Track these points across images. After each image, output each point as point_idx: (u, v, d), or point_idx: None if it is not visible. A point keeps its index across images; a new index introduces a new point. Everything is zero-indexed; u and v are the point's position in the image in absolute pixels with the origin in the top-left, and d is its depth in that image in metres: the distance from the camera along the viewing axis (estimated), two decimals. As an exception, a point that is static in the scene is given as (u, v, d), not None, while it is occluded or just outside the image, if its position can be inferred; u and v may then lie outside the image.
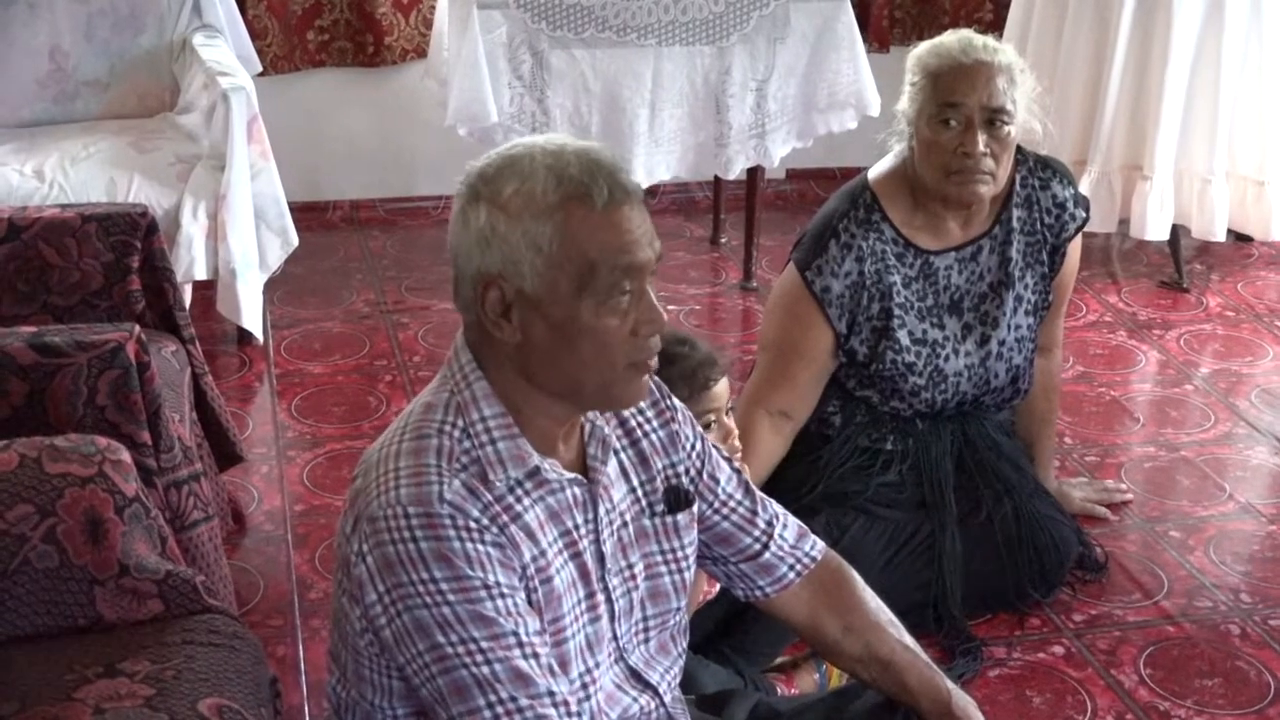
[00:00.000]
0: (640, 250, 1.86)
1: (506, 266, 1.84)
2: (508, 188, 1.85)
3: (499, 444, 1.90)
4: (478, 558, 1.83)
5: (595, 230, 1.83)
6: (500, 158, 1.89)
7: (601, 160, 1.86)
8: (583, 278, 1.83)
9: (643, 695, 2.07)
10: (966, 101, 3.03)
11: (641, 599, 2.07)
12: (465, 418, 1.91)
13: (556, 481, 1.95)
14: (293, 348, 4.45)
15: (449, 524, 1.83)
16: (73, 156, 4.14)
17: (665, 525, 2.10)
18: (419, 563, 1.82)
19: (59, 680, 2.18)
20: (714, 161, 4.65)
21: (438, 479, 1.86)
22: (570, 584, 1.96)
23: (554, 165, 1.84)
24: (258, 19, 5.07)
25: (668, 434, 2.12)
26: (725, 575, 2.24)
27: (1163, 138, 4.71)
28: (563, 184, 1.83)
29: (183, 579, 2.38)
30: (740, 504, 2.19)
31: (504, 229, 1.84)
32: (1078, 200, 3.27)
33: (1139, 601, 3.31)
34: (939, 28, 5.30)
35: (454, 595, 1.82)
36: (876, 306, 3.16)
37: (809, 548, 2.23)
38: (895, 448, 3.24)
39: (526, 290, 1.84)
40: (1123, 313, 4.78)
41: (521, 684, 1.82)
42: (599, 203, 1.83)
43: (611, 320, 1.86)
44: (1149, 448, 3.97)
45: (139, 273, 3.21)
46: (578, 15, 4.37)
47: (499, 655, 1.82)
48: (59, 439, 2.39)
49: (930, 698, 2.16)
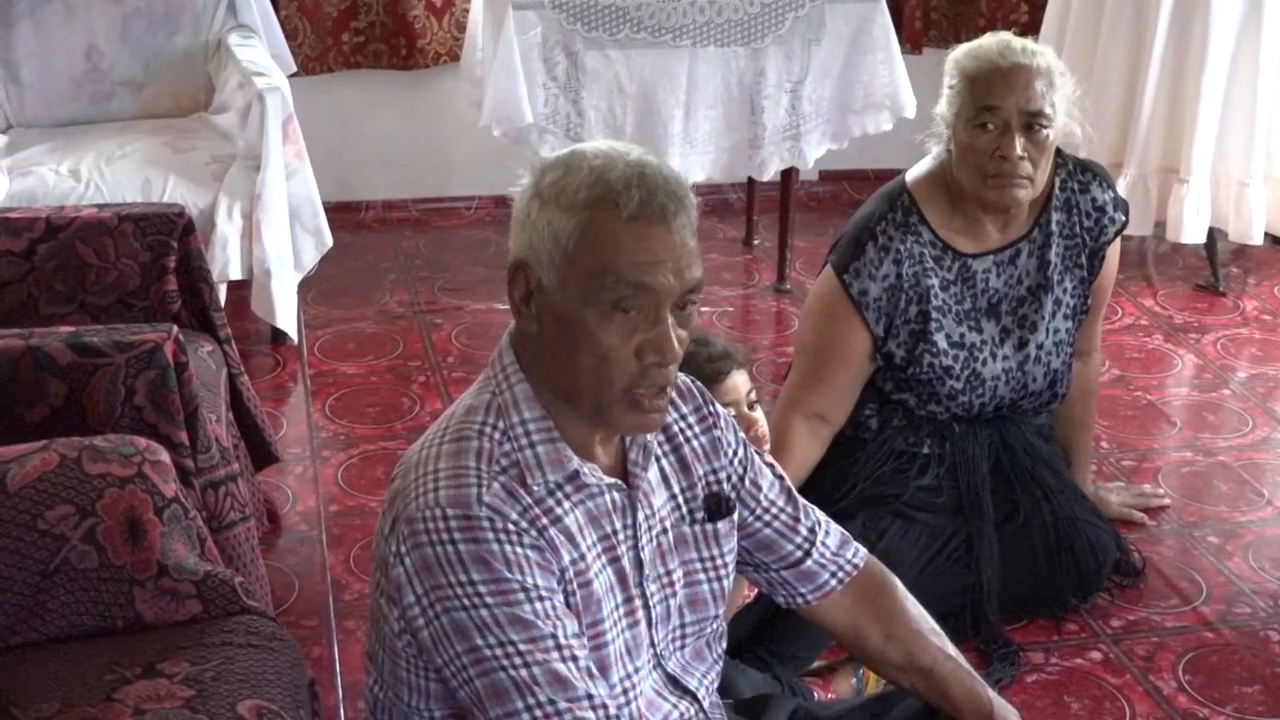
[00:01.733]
0: (656, 272, 1.81)
1: (531, 253, 1.85)
2: (550, 176, 1.85)
3: (538, 447, 1.90)
4: (516, 560, 1.83)
5: (614, 239, 1.81)
6: (566, 151, 1.89)
7: (648, 175, 1.83)
8: (590, 282, 1.81)
9: (682, 701, 2.06)
10: (1004, 105, 3.01)
11: (679, 606, 2.06)
12: (505, 420, 1.90)
13: (595, 486, 1.94)
14: (326, 348, 4.45)
15: (487, 526, 1.82)
16: (108, 156, 4.15)
17: (705, 533, 2.08)
18: (457, 565, 1.82)
19: (99, 681, 2.18)
20: (748, 163, 4.64)
21: (477, 481, 1.85)
22: (609, 589, 1.95)
23: (599, 167, 1.83)
24: (289, 20, 5.08)
25: (710, 440, 2.11)
26: (766, 582, 2.22)
27: (1200, 140, 4.68)
28: (597, 185, 1.82)
29: (221, 580, 2.37)
30: (782, 511, 2.18)
31: (535, 215, 1.84)
32: (1117, 204, 3.25)
33: (1177, 607, 3.29)
34: (974, 30, 5.31)
35: (492, 598, 1.81)
36: (914, 309, 3.14)
37: (851, 555, 2.22)
38: (932, 451, 3.23)
39: (544, 282, 1.84)
40: (1159, 316, 4.75)
41: (560, 687, 1.81)
42: (625, 213, 1.80)
43: (612, 334, 1.83)
44: (1186, 452, 3.95)
45: (175, 272, 3.21)
46: (613, 16, 4.36)
47: (537, 658, 1.81)
48: (99, 439, 2.39)
49: (972, 707, 2.15)
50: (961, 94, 3.07)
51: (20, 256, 3.08)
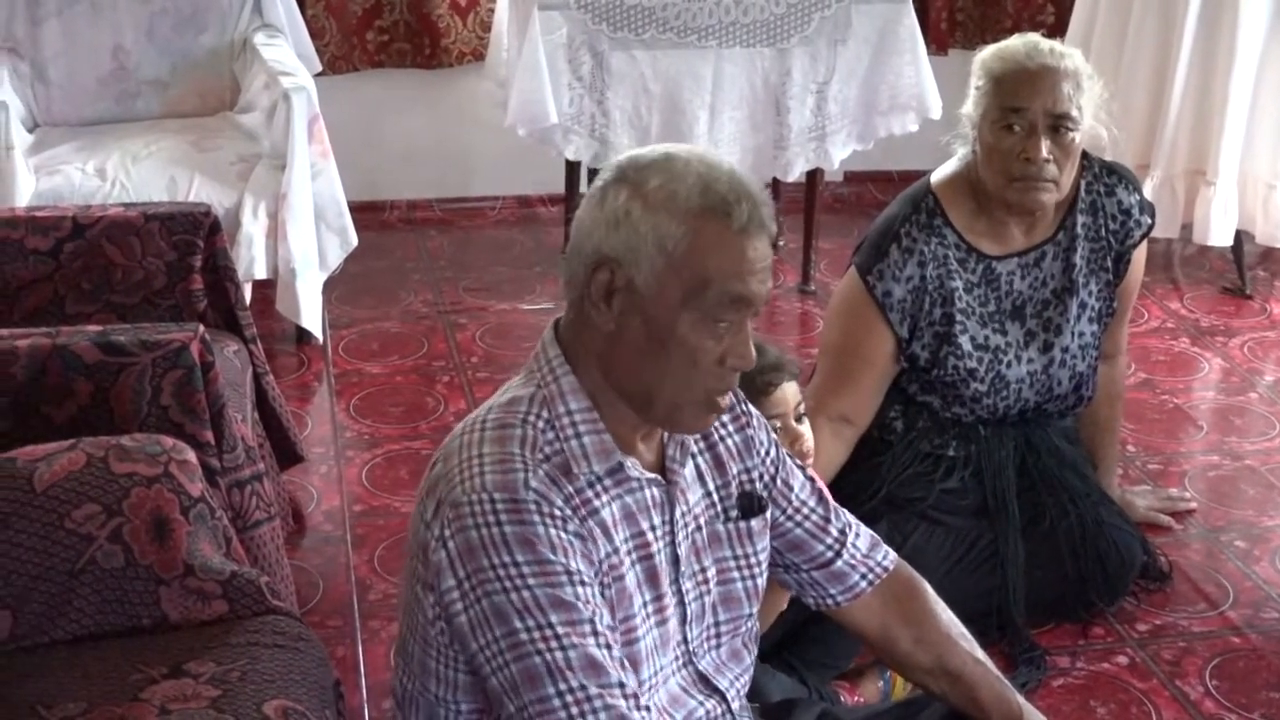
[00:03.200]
0: (756, 283, 1.86)
1: (626, 253, 1.85)
2: (655, 179, 1.86)
3: (584, 438, 1.91)
4: (561, 544, 1.84)
5: (722, 249, 1.84)
6: (659, 153, 1.90)
7: (751, 188, 1.87)
8: (694, 289, 1.84)
9: (709, 700, 2.06)
10: (1030, 107, 3.00)
11: (714, 603, 2.06)
12: (551, 410, 1.92)
13: (637, 480, 1.95)
14: (351, 347, 4.45)
15: (534, 509, 1.84)
16: (134, 155, 4.16)
17: (739, 530, 2.09)
18: (502, 546, 1.83)
19: (125, 680, 2.18)
20: (773, 164, 4.63)
21: (523, 466, 1.86)
22: (638, 585, 1.95)
23: (706, 175, 1.86)
24: (315, 19, 5.09)
25: (743, 439, 2.12)
26: (797, 583, 2.23)
27: (1227, 142, 4.66)
28: (708, 195, 1.84)
29: (247, 580, 2.38)
30: (814, 511, 2.19)
31: (637, 216, 1.85)
32: (1143, 207, 3.24)
33: (1204, 611, 3.27)
34: (999, 31, 5.29)
35: (534, 579, 1.82)
36: (938, 311, 3.13)
37: (881, 557, 2.23)
38: (958, 454, 3.22)
39: (637, 282, 1.85)
40: (1185, 319, 4.73)
41: (594, 672, 1.82)
42: (736, 225, 1.84)
43: (707, 340, 1.87)
44: (1212, 456, 3.93)
45: (201, 272, 3.22)
46: (638, 16, 4.36)
47: (573, 642, 1.81)
48: (126, 439, 2.40)
49: (1001, 712, 2.15)
50: (988, 95, 3.06)
51: (47, 255, 3.09)
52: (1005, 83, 3.03)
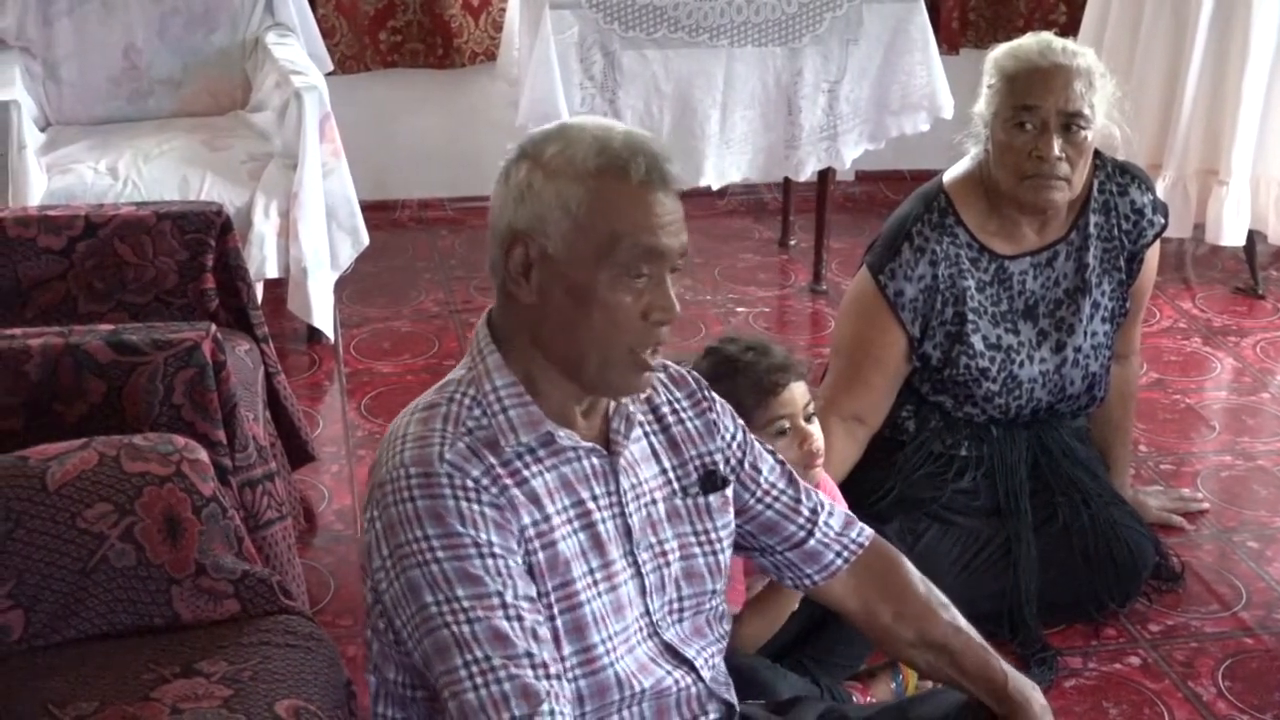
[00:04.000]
0: (665, 236, 1.91)
1: (534, 224, 1.90)
2: (551, 149, 1.92)
3: (510, 411, 1.96)
4: (471, 516, 1.88)
5: (625, 204, 1.89)
6: (555, 126, 1.97)
7: (648, 143, 1.92)
8: (604, 247, 1.89)
9: (678, 670, 2.08)
10: (1042, 105, 3.00)
11: (676, 578, 2.09)
12: (478, 388, 1.97)
13: (573, 450, 1.99)
14: (362, 346, 4.45)
15: (445, 483, 1.89)
16: (146, 154, 4.16)
17: (698, 506, 2.12)
18: (415, 521, 1.88)
19: (136, 680, 2.19)
20: (785, 163, 4.63)
21: (440, 441, 1.92)
22: (579, 552, 1.98)
23: (601, 137, 1.91)
24: (326, 19, 5.09)
25: (704, 423, 2.16)
26: (774, 565, 2.26)
27: (1240, 142, 4.65)
28: (604, 154, 1.89)
29: (259, 579, 2.38)
30: (784, 493, 2.22)
31: (539, 186, 1.90)
32: (1156, 206, 3.23)
33: (1217, 612, 3.27)
34: (1012, 30, 5.29)
35: (443, 552, 1.87)
36: (950, 311, 3.13)
37: (855, 534, 2.25)
38: (970, 454, 3.21)
39: (550, 250, 1.90)
40: (1197, 319, 4.73)
41: (499, 644, 1.85)
42: (634, 178, 1.89)
43: (625, 296, 1.91)
44: (1225, 456, 3.92)
45: (213, 271, 3.21)
46: (650, 16, 4.36)
47: (479, 615, 1.85)
48: (137, 438, 2.40)
49: (985, 679, 2.17)
50: (1000, 93, 3.05)
51: (60, 254, 3.09)
52: (1018, 81, 3.02)
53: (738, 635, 2.58)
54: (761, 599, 2.63)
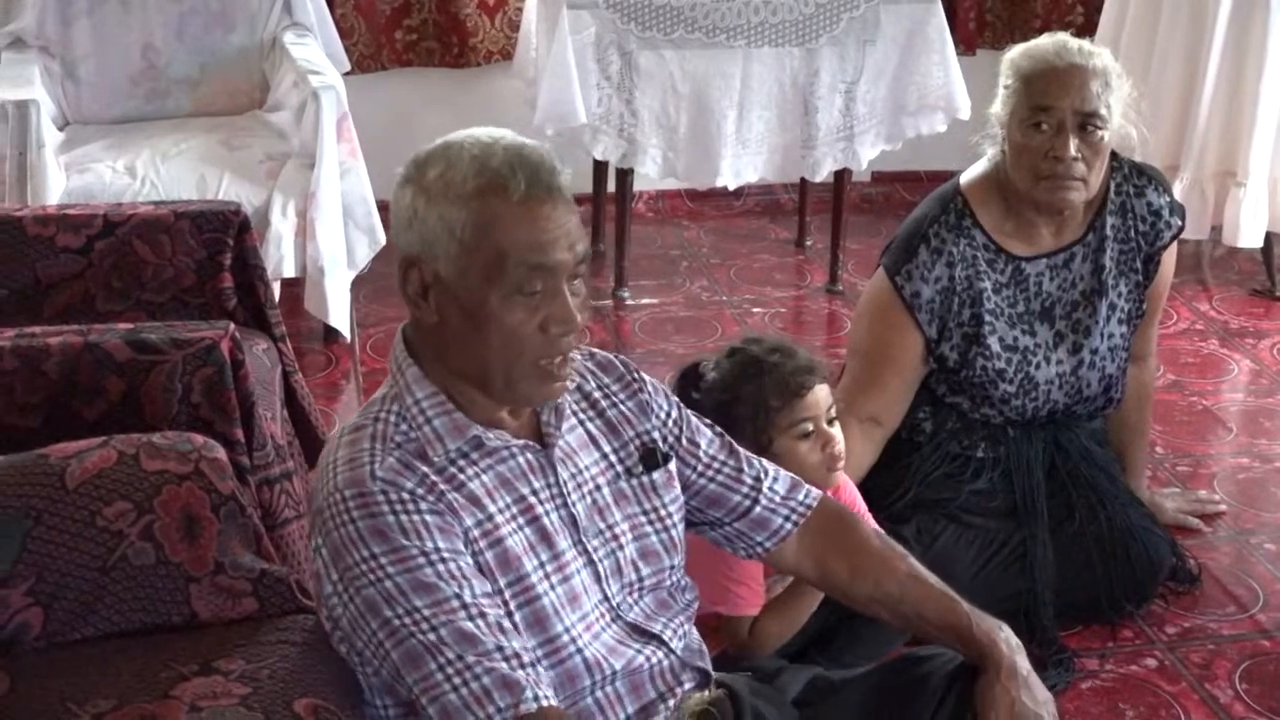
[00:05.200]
0: (554, 250, 1.90)
1: (425, 249, 1.92)
2: (432, 172, 1.93)
3: (434, 421, 1.98)
4: (413, 527, 1.90)
5: (508, 223, 1.89)
6: (438, 145, 1.97)
7: (528, 156, 1.91)
8: (491, 268, 1.89)
9: (647, 647, 2.09)
10: (1058, 105, 3.00)
11: (632, 560, 2.10)
12: (400, 404, 1.99)
13: (505, 449, 2.01)
14: (379, 346, 4.46)
15: (381, 499, 1.90)
16: (164, 153, 4.17)
17: (643, 485, 2.14)
18: (359, 542, 1.89)
19: (155, 678, 2.18)
20: (801, 164, 4.63)
21: (370, 459, 1.94)
22: (528, 547, 2.00)
23: (479, 155, 1.91)
24: (345, 18, 5.10)
25: (637, 404, 2.17)
26: (724, 538, 2.27)
27: (1257, 143, 4.65)
28: (483, 173, 1.90)
29: (277, 578, 2.38)
30: (725, 464, 2.23)
31: (424, 211, 1.91)
32: (1173, 208, 3.23)
33: (1233, 614, 3.26)
34: (1028, 30, 5.28)
35: (393, 567, 1.88)
36: (967, 312, 3.13)
37: (803, 496, 2.26)
38: (986, 455, 3.21)
39: (441, 273, 1.91)
40: (1214, 321, 4.72)
41: (468, 643, 1.86)
42: (514, 196, 1.89)
43: (518, 314, 1.91)
44: (1242, 458, 3.92)
45: (231, 270, 3.21)
46: (667, 16, 4.36)
47: (442, 620, 1.87)
48: (156, 436, 2.39)
49: (949, 625, 2.16)
50: (1016, 94, 3.05)
51: (78, 253, 3.09)
52: (1034, 81, 3.02)
53: (756, 637, 2.58)
54: (782, 599, 2.63)
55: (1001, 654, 2.12)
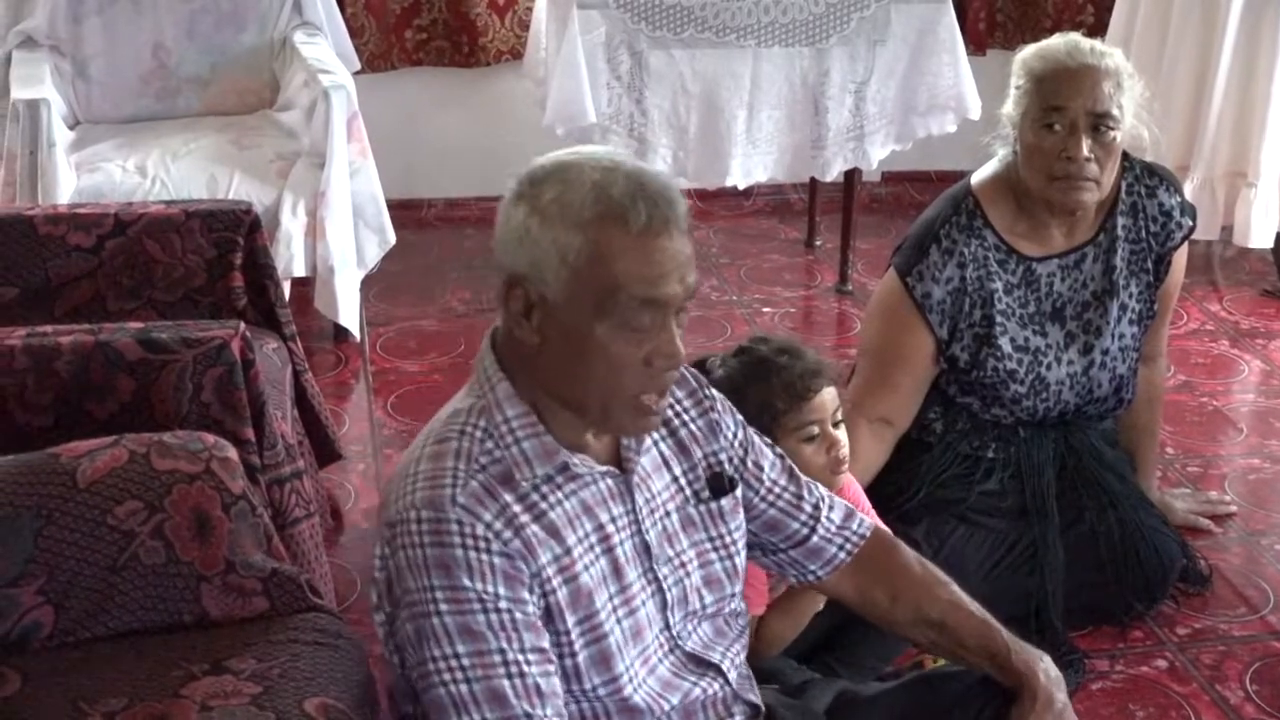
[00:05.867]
0: (667, 284, 1.84)
1: (533, 269, 1.85)
2: (549, 193, 1.85)
3: (524, 443, 1.92)
4: (479, 568, 1.84)
5: (625, 255, 1.82)
6: (553, 163, 1.89)
7: (649, 186, 1.84)
8: (602, 298, 1.83)
9: (704, 678, 2.07)
10: (1071, 106, 2.99)
11: (697, 587, 2.07)
12: (489, 419, 1.92)
13: (588, 475, 1.96)
14: (389, 345, 4.46)
15: (455, 529, 1.85)
16: (174, 153, 4.17)
17: (711, 511, 2.10)
18: (422, 569, 1.85)
19: (166, 676, 2.19)
20: (811, 163, 4.63)
21: (452, 482, 1.87)
22: (601, 580, 1.96)
23: (600, 182, 1.83)
24: (355, 18, 5.10)
25: (706, 423, 2.13)
26: (777, 564, 2.25)
27: (1269, 144, 4.63)
28: (602, 201, 1.82)
29: (288, 577, 2.38)
30: (786, 489, 2.20)
31: (537, 232, 1.84)
32: (1184, 209, 3.22)
33: (1244, 616, 3.25)
34: (1039, 31, 5.27)
35: (446, 605, 1.84)
36: (978, 313, 3.12)
37: (857, 525, 2.24)
38: (997, 456, 3.21)
39: (548, 297, 1.85)
40: (1225, 321, 4.71)
41: (496, 704, 1.83)
42: (634, 228, 1.82)
43: (624, 346, 1.85)
44: (1253, 459, 3.91)
45: (241, 269, 3.22)
46: (677, 16, 4.36)
47: (478, 674, 1.83)
48: (167, 435, 2.40)
49: (987, 653, 2.16)
50: (1028, 94, 3.05)
51: (89, 252, 3.10)
52: (1046, 82, 3.02)
53: (762, 637, 2.58)
54: (785, 600, 2.63)
55: (1039, 684, 2.12)
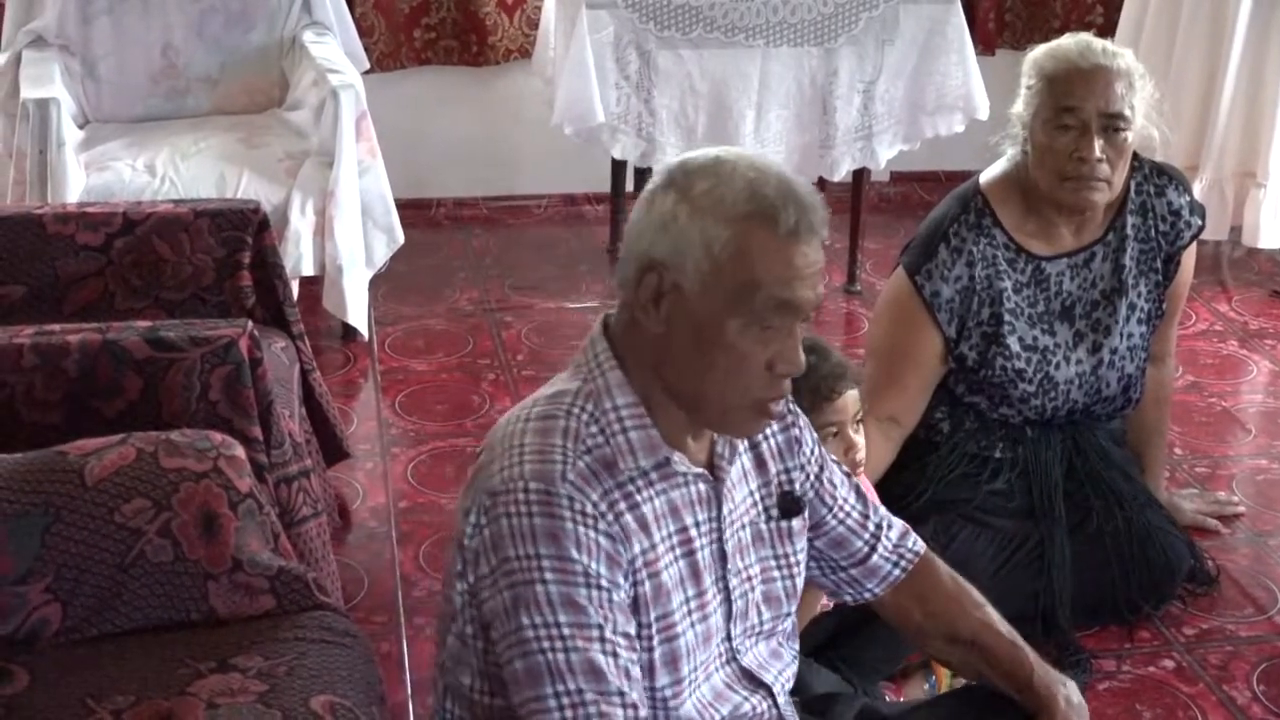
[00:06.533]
0: (804, 289, 1.85)
1: (673, 256, 1.85)
2: (703, 183, 1.86)
3: (630, 433, 1.91)
4: (586, 543, 1.85)
5: (769, 255, 1.84)
6: (708, 157, 1.90)
7: (800, 192, 1.86)
8: (740, 295, 1.84)
9: (754, 695, 2.07)
10: (1084, 106, 2.99)
11: (757, 602, 2.07)
12: (596, 405, 1.92)
13: (684, 475, 1.96)
14: (396, 344, 4.46)
15: (565, 505, 1.85)
16: (183, 152, 4.18)
17: (780, 530, 2.10)
18: (528, 537, 1.84)
19: (173, 674, 2.20)
20: (819, 163, 4.62)
21: (562, 459, 1.87)
22: (679, 581, 1.96)
23: (754, 179, 1.85)
24: (365, 17, 5.10)
25: (787, 439, 2.13)
26: (835, 584, 2.24)
27: (1278, 144, 4.63)
28: (755, 199, 1.84)
29: (295, 575, 2.39)
30: (854, 508, 2.21)
31: (684, 220, 1.85)
32: (1193, 208, 3.22)
33: (1251, 616, 3.25)
34: (1048, 31, 5.27)
35: (552, 574, 1.83)
36: (986, 312, 3.12)
37: (912, 544, 2.25)
38: (1004, 455, 3.20)
39: (684, 286, 1.85)
40: (1233, 322, 4.70)
41: (593, 678, 1.83)
42: (782, 229, 1.83)
43: (752, 346, 1.86)
44: (1261, 460, 3.91)
45: (250, 268, 3.22)
46: (686, 15, 4.36)
47: (578, 645, 1.83)
48: (175, 434, 2.41)
49: (1012, 675, 2.17)
50: (1040, 94, 3.04)
51: (98, 251, 3.10)
52: (1058, 82, 3.01)
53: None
54: None
55: (1058, 708, 2.15)
